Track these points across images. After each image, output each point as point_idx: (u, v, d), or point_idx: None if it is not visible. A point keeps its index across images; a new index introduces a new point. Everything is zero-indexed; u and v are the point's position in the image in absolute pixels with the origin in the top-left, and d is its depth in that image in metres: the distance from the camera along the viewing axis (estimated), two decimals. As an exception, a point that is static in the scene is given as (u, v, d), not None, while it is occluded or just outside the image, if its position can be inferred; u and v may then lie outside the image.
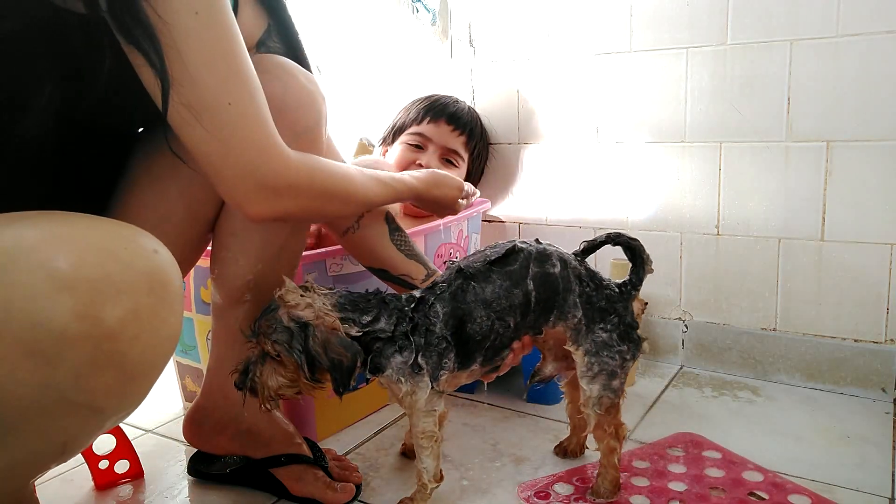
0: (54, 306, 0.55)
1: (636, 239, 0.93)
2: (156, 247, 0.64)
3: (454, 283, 0.87)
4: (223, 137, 0.70)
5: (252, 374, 0.81)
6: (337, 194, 0.84)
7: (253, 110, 0.71)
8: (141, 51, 0.64)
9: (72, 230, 0.60)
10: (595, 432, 0.92)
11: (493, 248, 0.90)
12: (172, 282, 0.64)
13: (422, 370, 0.85)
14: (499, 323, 0.87)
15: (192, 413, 1.01)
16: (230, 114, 0.69)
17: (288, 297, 0.80)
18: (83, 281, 0.56)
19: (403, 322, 0.84)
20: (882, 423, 1.16)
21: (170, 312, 0.63)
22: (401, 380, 0.85)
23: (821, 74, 1.24)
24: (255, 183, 0.73)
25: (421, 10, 1.64)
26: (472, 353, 0.88)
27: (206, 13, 0.66)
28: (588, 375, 0.89)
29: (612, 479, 0.93)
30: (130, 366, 0.61)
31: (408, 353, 0.84)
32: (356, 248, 1.05)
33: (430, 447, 0.88)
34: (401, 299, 0.87)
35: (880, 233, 1.24)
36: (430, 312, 0.86)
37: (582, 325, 0.89)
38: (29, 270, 0.55)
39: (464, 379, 0.91)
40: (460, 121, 1.49)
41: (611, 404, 0.90)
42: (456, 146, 1.48)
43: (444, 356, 0.85)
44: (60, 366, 0.56)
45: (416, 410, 0.87)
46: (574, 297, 0.89)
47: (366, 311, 0.84)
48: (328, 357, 0.78)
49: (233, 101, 0.69)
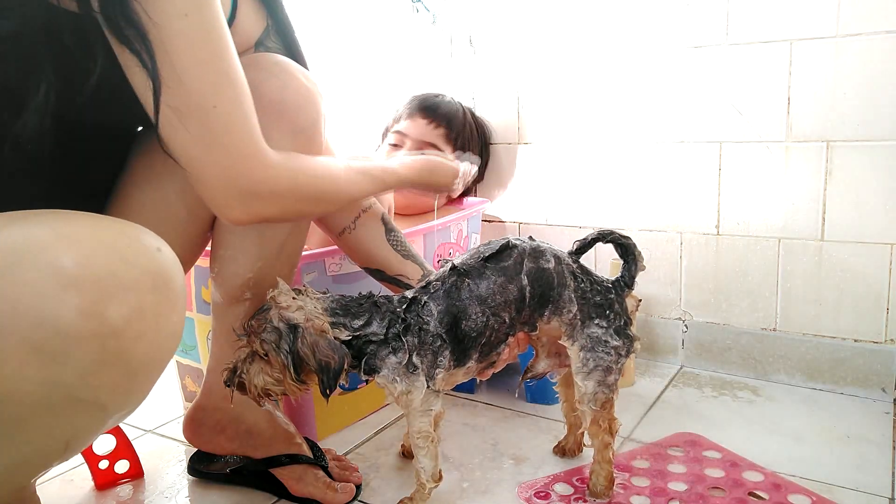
0: (61, 304, 0.55)
1: (627, 236, 0.94)
2: (159, 245, 0.64)
3: (448, 281, 0.88)
4: (206, 142, 0.70)
5: (240, 372, 0.82)
6: (321, 196, 0.84)
7: (238, 115, 0.71)
8: (132, 51, 0.64)
9: (78, 228, 0.60)
10: (590, 428, 0.92)
11: (487, 245, 0.91)
12: (175, 280, 0.64)
13: (417, 369, 0.85)
14: (494, 319, 0.87)
15: (193, 413, 1.01)
16: (214, 118, 0.69)
17: (280, 299, 0.81)
18: (89, 279, 0.57)
19: (396, 324, 0.85)
20: (882, 423, 1.16)
21: (173, 310, 0.64)
22: (396, 379, 0.85)
23: (821, 74, 1.24)
24: (235, 189, 0.73)
25: (421, 10, 1.64)
26: (467, 350, 0.88)
27: (196, 15, 0.66)
28: (583, 371, 0.90)
29: (607, 475, 0.93)
30: (135, 363, 0.61)
31: (402, 353, 0.84)
32: (352, 249, 1.05)
33: (426, 447, 0.89)
34: (392, 301, 0.87)
35: (880, 233, 1.24)
36: (423, 311, 0.86)
37: (577, 320, 0.90)
38: (36, 268, 0.56)
39: (460, 376, 0.91)
40: (436, 112, 1.48)
41: (605, 400, 0.90)
42: (433, 139, 1.46)
43: (440, 354, 0.86)
44: (66, 363, 0.57)
45: (411, 410, 0.87)
46: (569, 292, 0.90)
47: (357, 315, 0.85)
48: (316, 359, 0.79)
49: (218, 104, 0.69)
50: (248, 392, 0.83)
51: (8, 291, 0.55)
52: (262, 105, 0.82)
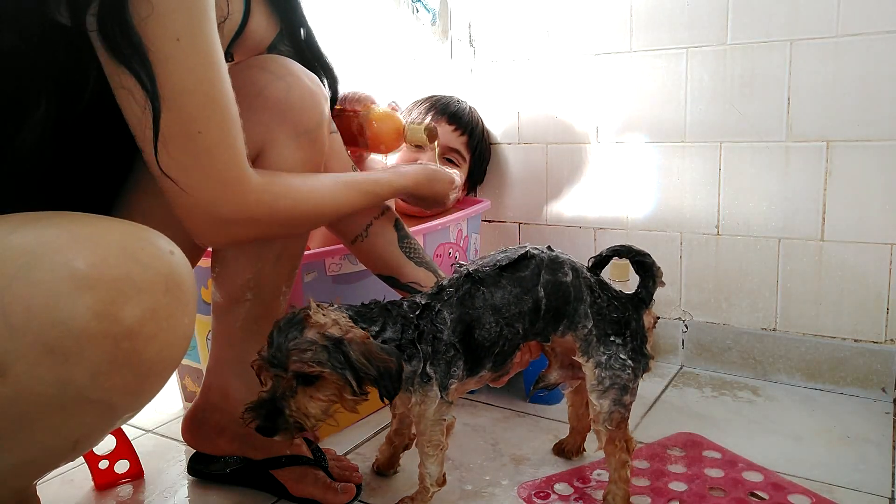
0: (75, 305, 0.56)
1: (646, 253, 0.91)
2: (171, 248, 0.64)
3: (463, 288, 0.86)
4: (185, 166, 0.70)
5: (288, 411, 0.75)
6: (301, 219, 0.84)
7: (222, 141, 0.71)
8: (131, 71, 0.64)
9: (92, 230, 0.61)
10: (606, 448, 0.89)
11: (504, 252, 0.89)
12: (187, 282, 0.65)
13: (430, 380, 0.83)
14: (508, 329, 0.86)
15: (191, 414, 1.00)
16: (197, 144, 0.69)
17: (316, 318, 0.77)
18: (103, 280, 0.57)
19: (409, 329, 0.82)
20: (882, 423, 1.16)
21: (184, 313, 0.64)
22: (409, 389, 0.83)
23: (821, 74, 1.24)
24: (210, 216, 0.73)
25: (421, 10, 1.64)
26: (481, 360, 0.86)
27: (188, 39, 0.66)
28: (598, 390, 0.87)
29: (624, 495, 0.89)
30: (147, 365, 0.62)
31: (416, 361, 0.82)
32: (366, 256, 1.04)
33: (435, 455, 0.87)
34: (402, 305, 0.85)
35: (880, 233, 1.24)
36: (436, 319, 0.83)
37: (592, 336, 0.87)
38: (51, 269, 0.56)
39: (472, 385, 0.90)
40: (461, 120, 1.50)
41: (621, 419, 0.87)
42: (457, 145, 1.48)
43: (453, 364, 0.84)
44: (79, 363, 0.57)
45: (424, 420, 0.85)
46: (585, 307, 0.87)
47: (373, 321, 0.82)
48: (374, 366, 0.76)
49: (203, 130, 0.69)
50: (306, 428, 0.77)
51: (22, 292, 0.55)
52: (267, 106, 0.82)
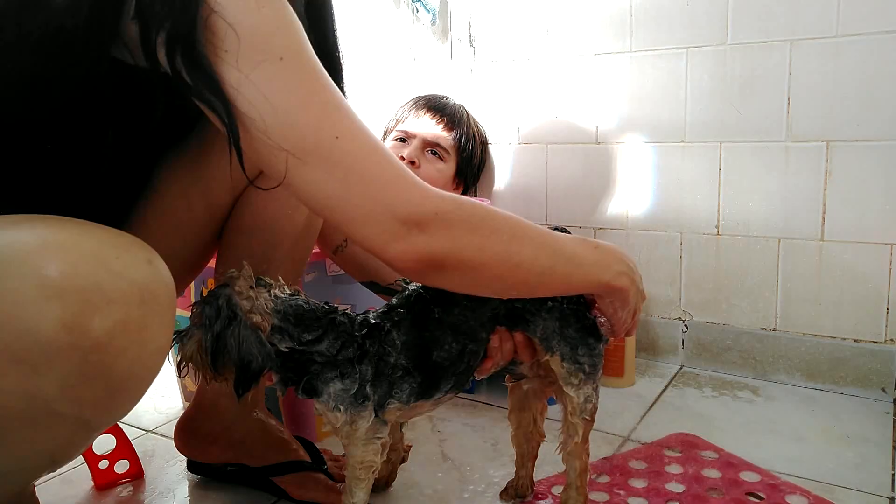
0: (42, 315, 0.53)
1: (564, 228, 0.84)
2: (150, 257, 0.61)
3: (414, 309, 0.79)
4: (340, 176, 0.63)
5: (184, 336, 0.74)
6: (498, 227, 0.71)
7: (364, 139, 0.64)
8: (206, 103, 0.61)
9: (65, 236, 0.58)
10: (579, 446, 0.84)
11: None
12: (164, 294, 0.61)
13: (366, 400, 0.77)
14: (472, 344, 0.81)
15: (183, 422, 0.99)
16: (340, 148, 0.62)
17: (238, 283, 0.74)
18: (72, 290, 0.55)
19: (350, 347, 0.77)
20: (882, 423, 1.16)
21: (160, 325, 0.61)
22: (339, 408, 0.77)
23: (821, 74, 1.24)
24: (391, 217, 0.63)
25: (421, 10, 1.64)
26: (438, 382, 0.80)
27: (292, 56, 0.62)
28: (572, 383, 0.83)
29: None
30: (117, 379, 0.59)
31: (349, 381, 0.76)
32: (347, 265, 1.07)
33: (365, 479, 0.80)
34: (354, 322, 0.79)
35: (880, 233, 1.23)
36: (385, 340, 0.78)
37: (551, 331, 0.82)
38: (20, 276, 0.54)
39: (426, 409, 0.83)
40: (444, 111, 1.50)
41: (593, 408, 0.84)
42: (439, 138, 1.48)
43: (397, 386, 0.78)
44: (47, 375, 0.55)
45: (353, 439, 0.78)
46: (541, 304, 0.82)
47: (310, 328, 0.76)
48: (239, 353, 0.72)
49: (340, 133, 0.63)
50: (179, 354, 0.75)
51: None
52: None
